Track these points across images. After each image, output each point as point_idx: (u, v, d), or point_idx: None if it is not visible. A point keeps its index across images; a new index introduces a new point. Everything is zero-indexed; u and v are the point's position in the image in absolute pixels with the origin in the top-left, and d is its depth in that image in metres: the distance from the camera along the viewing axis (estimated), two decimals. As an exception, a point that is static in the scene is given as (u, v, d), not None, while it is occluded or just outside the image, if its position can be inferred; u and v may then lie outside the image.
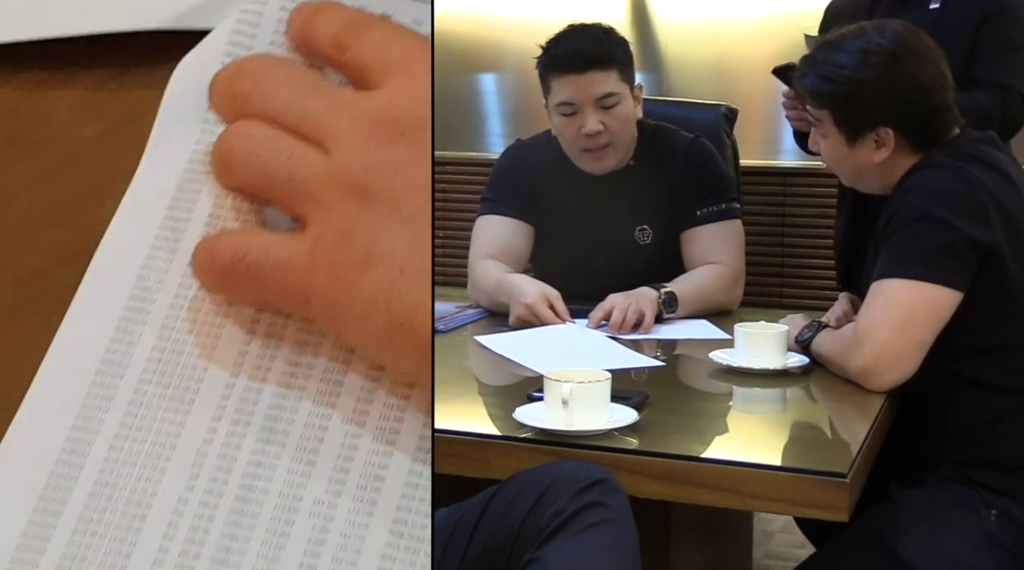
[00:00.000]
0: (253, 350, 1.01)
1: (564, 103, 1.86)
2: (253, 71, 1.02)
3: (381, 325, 0.93)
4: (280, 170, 0.98)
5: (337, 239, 0.94)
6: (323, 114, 0.98)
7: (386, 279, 0.92)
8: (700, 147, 1.96)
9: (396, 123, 0.96)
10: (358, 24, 1.03)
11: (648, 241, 1.94)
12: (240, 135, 1.00)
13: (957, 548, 1.35)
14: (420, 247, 0.93)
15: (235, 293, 1.01)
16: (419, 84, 0.98)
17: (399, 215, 0.94)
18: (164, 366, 1.01)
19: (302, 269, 0.95)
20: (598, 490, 1.08)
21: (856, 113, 1.46)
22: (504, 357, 1.58)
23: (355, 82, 1.03)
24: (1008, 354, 1.43)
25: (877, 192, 1.53)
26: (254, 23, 1.08)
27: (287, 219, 1.02)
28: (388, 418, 0.99)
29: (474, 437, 1.27)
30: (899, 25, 1.51)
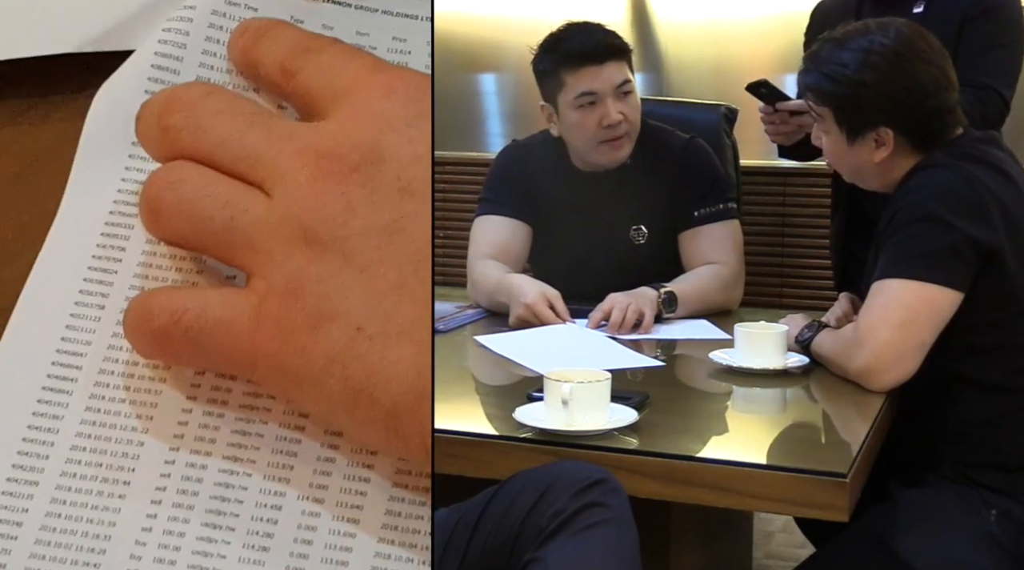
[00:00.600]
0: (195, 418, 0.91)
1: (585, 94, 1.86)
2: (185, 102, 0.91)
3: (338, 393, 0.83)
4: (216, 218, 0.87)
5: (284, 296, 0.84)
6: (263, 150, 0.88)
7: (341, 341, 0.83)
8: (697, 147, 1.96)
9: (345, 158, 0.86)
10: (306, 48, 0.94)
11: (644, 241, 1.94)
12: (170, 180, 0.89)
13: (957, 548, 1.35)
14: (379, 302, 0.83)
15: (173, 358, 0.91)
16: (368, 110, 0.88)
17: (353, 265, 0.84)
18: (95, 442, 0.91)
19: (246, 331, 0.85)
20: (598, 490, 1.08)
21: (856, 113, 1.46)
22: (504, 357, 1.58)
23: (303, 112, 0.94)
24: (1009, 354, 1.43)
25: (877, 189, 1.53)
26: (180, 43, 0.98)
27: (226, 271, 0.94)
28: (349, 491, 0.89)
29: (474, 437, 1.27)
30: (903, 24, 1.51)
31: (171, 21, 0.99)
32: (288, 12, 1.00)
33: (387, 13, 1.02)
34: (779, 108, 1.82)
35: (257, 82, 0.97)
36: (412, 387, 0.82)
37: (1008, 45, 1.85)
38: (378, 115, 0.87)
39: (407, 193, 0.85)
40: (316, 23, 1.00)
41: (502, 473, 1.17)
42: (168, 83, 0.97)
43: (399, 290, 0.83)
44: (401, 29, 1.02)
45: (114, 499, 0.89)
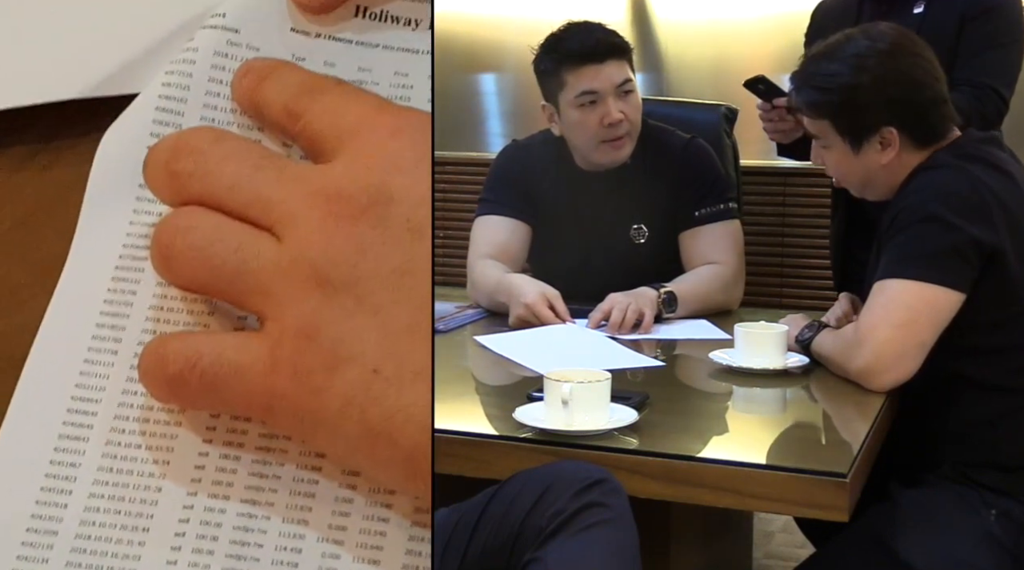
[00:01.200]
0: (212, 461, 0.90)
1: (585, 93, 1.86)
2: (193, 147, 0.90)
3: (356, 435, 0.83)
4: (228, 264, 0.86)
5: (299, 339, 0.84)
6: (273, 194, 0.87)
7: (358, 383, 0.82)
8: (697, 147, 1.96)
9: (355, 199, 0.85)
10: (310, 89, 0.94)
11: (644, 241, 1.94)
12: (180, 227, 0.88)
13: (957, 548, 1.35)
14: (394, 343, 0.82)
15: (189, 403, 0.90)
16: (377, 151, 0.88)
17: (366, 307, 0.83)
18: (113, 488, 0.90)
19: (262, 374, 0.85)
20: (598, 490, 1.08)
21: (857, 118, 1.46)
22: (504, 357, 1.58)
23: (310, 154, 0.93)
24: (1010, 355, 1.43)
25: (885, 197, 1.52)
26: (183, 85, 0.98)
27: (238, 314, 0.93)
28: (369, 531, 0.88)
29: (474, 437, 1.27)
30: (886, 26, 1.52)
31: (174, 63, 0.99)
32: (290, 50, 1.00)
33: (388, 48, 1.02)
34: (776, 104, 1.82)
35: (262, 123, 0.97)
36: (428, 429, 0.82)
37: (1007, 44, 1.86)
38: (386, 156, 0.87)
39: (417, 234, 0.85)
40: (318, 60, 1.00)
41: (502, 473, 1.17)
42: (173, 125, 0.97)
43: (413, 331, 0.83)
44: (402, 63, 1.02)
45: (134, 546, 0.89)
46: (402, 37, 1.02)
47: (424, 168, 0.87)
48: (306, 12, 0.99)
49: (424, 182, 0.86)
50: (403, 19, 1.03)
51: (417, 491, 0.86)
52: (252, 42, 0.99)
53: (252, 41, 0.99)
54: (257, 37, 0.99)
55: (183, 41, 1.00)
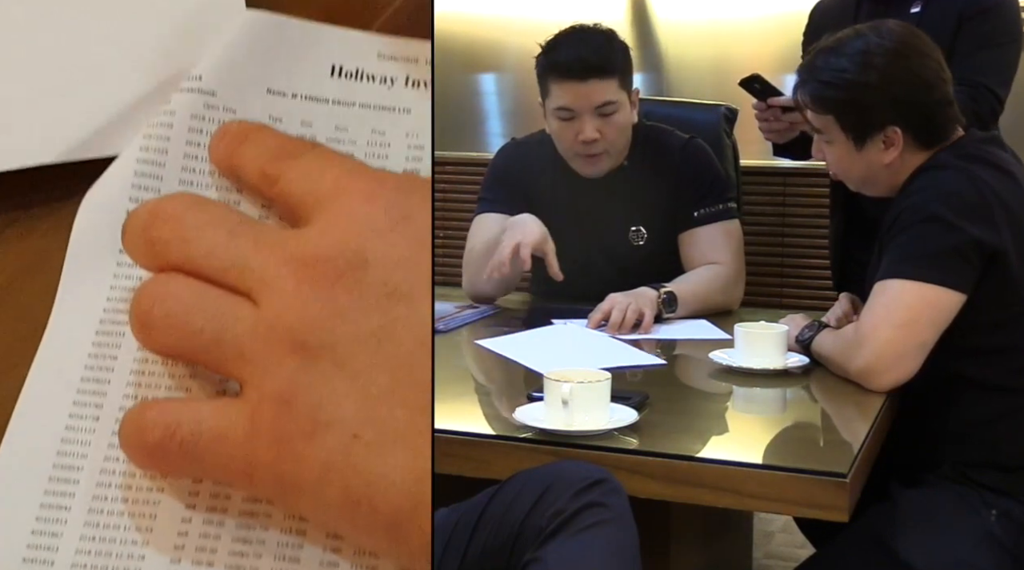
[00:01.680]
0: (195, 527, 0.90)
1: (563, 109, 1.86)
2: (170, 214, 0.91)
3: (338, 502, 0.83)
4: (205, 330, 0.86)
5: (277, 404, 0.84)
6: (250, 260, 0.88)
7: (338, 449, 0.82)
8: (696, 148, 1.96)
9: (331, 264, 0.86)
10: (286, 153, 0.95)
11: (643, 241, 1.94)
12: (157, 295, 0.89)
13: (957, 548, 1.35)
14: (373, 408, 0.82)
15: (170, 470, 0.90)
16: (352, 215, 0.88)
17: (345, 372, 0.83)
18: (96, 557, 0.89)
19: (242, 441, 0.85)
20: (598, 490, 1.08)
21: (862, 115, 1.46)
22: (504, 357, 1.58)
23: (287, 217, 0.94)
24: (1010, 355, 1.43)
25: (885, 195, 1.52)
26: (161, 148, 0.98)
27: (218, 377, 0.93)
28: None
29: (474, 437, 1.27)
30: (895, 24, 1.51)
31: (151, 126, 0.99)
32: (266, 111, 1.00)
33: (364, 106, 1.02)
34: (771, 103, 1.82)
35: (240, 185, 0.98)
36: (410, 494, 0.82)
37: (1004, 44, 1.86)
38: (361, 221, 0.88)
39: (394, 297, 0.85)
40: (295, 120, 1.01)
41: (502, 473, 1.17)
42: (152, 188, 0.97)
43: (391, 396, 0.83)
44: (379, 121, 1.02)
45: None
46: (378, 95, 1.03)
47: (401, 231, 0.87)
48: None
49: (400, 245, 0.87)
50: (378, 78, 1.03)
51: (401, 555, 0.85)
52: (229, 104, 1.00)
53: (229, 103, 1.00)
54: (233, 99, 1.00)
55: (160, 104, 1.00)
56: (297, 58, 1.03)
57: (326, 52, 1.03)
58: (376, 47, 1.04)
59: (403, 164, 1.01)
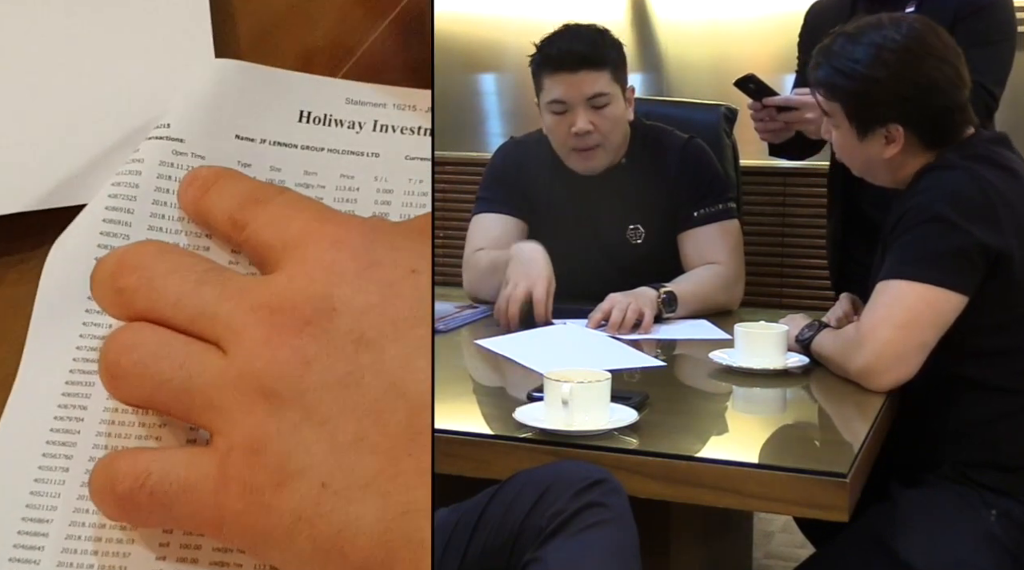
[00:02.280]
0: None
1: (555, 101, 1.86)
2: (136, 263, 0.90)
3: (308, 551, 0.82)
4: (174, 380, 0.86)
5: (247, 454, 0.83)
6: (216, 308, 0.87)
7: (308, 499, 0.81)
8: (695, 148, 1.96)
9: (298, 311, 0.85)
10: (255, 199, 0.94)
11: (641, 241, 1.94)
12: (126, 345, 0.88)
13: (957, 548, 1.35)
14: (341, 456, 0.82)
15: (140, 521, 0.89)
16: (319, 262, 0.88)
17: (313, 420, 0.83)
18: None
19: (211, 491, 0.84)
20: (598, 490, 1.08)
21: (867, 109, 1.46)
22: (504, 357, 1.58)
23: (256, 263, 0.94)
24: (1012, 356, 1.43)
25: (887, 185, 1.52)
26: (130, 196, 0.97)
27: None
28: None
29: (474, 437, 1.27)
30: (917, 20, 1.50)
31: (120, 174, 0.99)
32: (235, 157, 1.00)
33: (333, 151, 1.03)
34: (766, 103, 1.82)
35: (209, 231, 0.97)
36: (381, 541, 0.81)
37: (998, 42, 1.85)
38: (328, 267, 0.87)
39: (362, 344, 0.85)
40: (264, 166, 1.01)
41: (502, 473, 1.17)
42: (121, 235, 0.97)
43: (360, 443, 0.82)
44: (348, 166, 1.02)
45: None
46: (347, 140, 1.03)
47: (368, 276, 0.87)
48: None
49: (368, 290, 0.86)
50: (347, 122, 1.04)
51: None
52: (197, 150, 1.00)
53: (197, 149, 1.00)
54: (202, 145, 1.00)
55: (128, 152, 1.00)
56: (265, 104, 1.03)
57: (294, 98, 1.04)
58: (344, 93, 1.05)
59: (372, 208, 1.01)
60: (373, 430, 0.83)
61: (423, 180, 1.03)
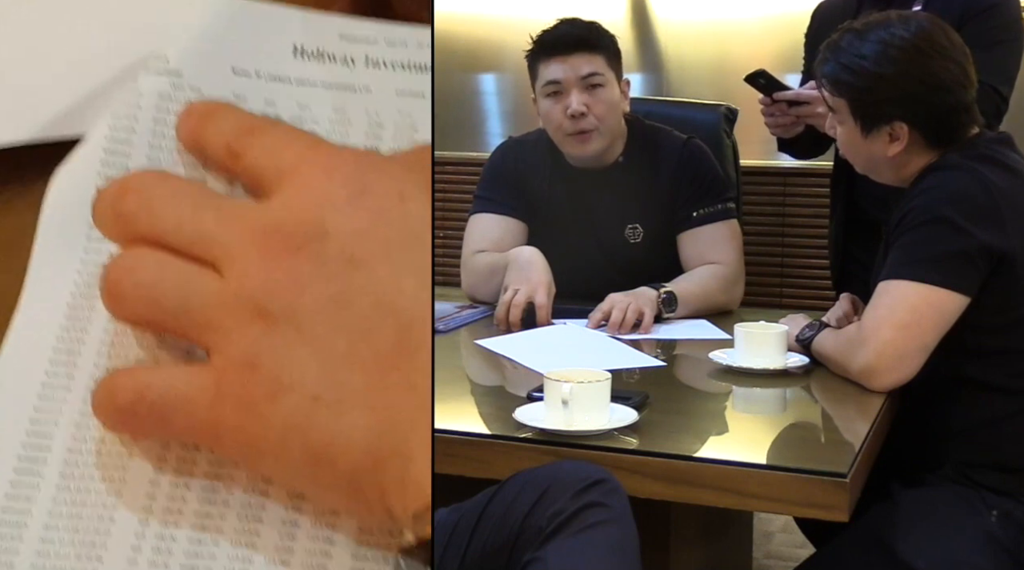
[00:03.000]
0: (163, 489, 0.94)
1: (550, 82, 1.87)
2: (137, 189, 0.94)
3: (299, 460, 0.87)
4: (173, 299, 0.91)
5: (242, 369, 0.88)
6: (214, 231, 0.91)
7: (299, 410, 0.86)
8: (695, 148, 1.96)
9: (292, 235, 0.90)
10: (251, 129, 0.98)
11: (639, 240, 1.94)
12: (127, 266, 0.93)
13: (958, 548, 1.35)
14: (333, 371, 0.86)
15: (139, 432, 0.94)
16: (312, 189, 0.92)
17: (305, 337, 0.87)
18: (68, 520, 0.93)
19: (208, 405, 0.89)
20: (598, 490, 1.08)
21: (872, 106, 1.45)
22: (504, 357, 1.58)
23: (251, 190, 0.97)
24: (1014, 357, 1.43)
25: (890, 183, 1.52)
26: (129, 127, 1.01)
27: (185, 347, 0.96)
28: (315, 552, 0.92)
29: (474, 437, 1.27)
30: (925, 19, 1.50)
31: (120, 106, 1.02)
32: (231, 91, 1.04)
33: (326, 86, 1.06)
34: (777, 98, 1.82)
35: (205, 162, 1.01)
36: (369, 451, 0.85)
37: (1006, 42, 1.85)
38: (321, 193, 0.91)
39: (352, 266, 0.89)
40: (258, 99, 1.04)
41: (502, 473, 1.17)
42: (120, 166, 1.01)
43: (351, 359, 0.87)
44: (340, 101, 1.06)
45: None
46: (339, 75, 1.06)
47: (359, 203, 0.91)
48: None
49: (358, 216, 0.90)
50: (339, 57, 1.07)
51: (361, 512, 0.90)
52: (194, 84, 1.03)
53: (194, 83, 1.03)
54: (199, 79, 1.04)
55: (128, 84, 1.03)
56: (261, 39, 1.06)
57: (289, 33, 1.07)
58: (337, 28, 1.07)
59: (363, 141, 1.04)
60: (363, 346, 0.87)
61: (413, 115, 1.06)
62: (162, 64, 1.03)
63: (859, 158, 1.53)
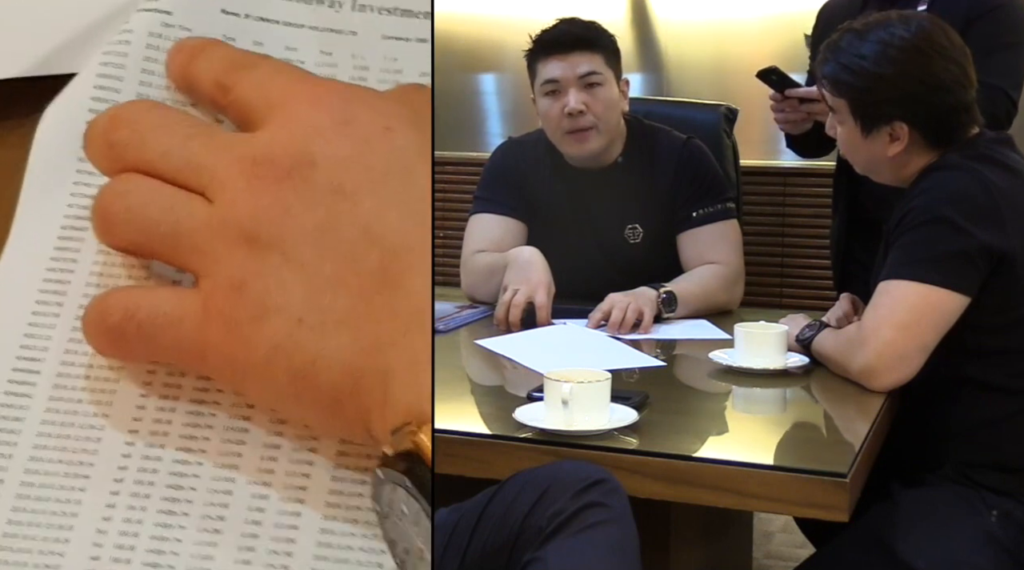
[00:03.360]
0: (149, 412, 0.97)
1: (548, 81, 1.88)
2: (129, 118, 0.97)
3: (283, 381, 0.89)
4: (162, 225, 0.93)
5: (229, 292, 0.91)
6: (203, 160, 0.94)
7: (283, 332, 0.89)
8: (694, 148, 1.96)
9: (279, 163, 0.92)
10: (240, 64, 1.00)
11: (639, 240, 1.94)
12: (118, 192, 0.95)
13: (957, 549, 1.35)
14: (317, 295, 0.89)
15: (128, 353, 0.97)
16: (299, 119, 0.94)
17: (291, 262, 0.90)
18: (57, 439, 0.96)
19: (195, 326, 0.92)
20: (598, 490, 1.08)
21: (872, 106, 1.45)
22: (504, 357, 1.58)
23: (239, 124, 0.99)
24: (1014, 357, 1.43)
25: (890, 183, 1.52)
26: (120, 64, 1.04)
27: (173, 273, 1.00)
28: (295, 473, 0.96)
29: (474, 437, 1.27)
30: (925, 19, 1.50)
31: (111, 44, 1.05)
32: (220, 31, 1.06)
33: (313, 28, 1.08)
34: (788, 95, 1.82)
35: (195, 98, 1.04)
36: (349, 371, 0.88)
37: (1014, 45, 1.85)
38: (308, 123, 0.94)
39: (339, 194, 0.91)
40: (247, 40, 1.07)
41: (502, 473, 1.17)
42: (111, 101, 1.03)
43: (335, 283, 0.89)
44: (327, 43, 1.08)
45: (75, 492, 0.95)
46: (326, 18, 1.09)
47: (346, 133, 0.93)
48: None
49: (345, 146, 0.93)
50: (327, 0, 1.10)
51: (339, 429, 0.93)
52: (184, 23, 1.06)
53: (185, 22, 1.06)
54: (189, 19, 1.06)
55: (119, 23, 1.06)
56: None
57: None
58: None
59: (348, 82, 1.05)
60: (348, 272, 0.89)
61: (399, 58, 1.08)
62: (152, 3, 1.06)
63: (859, 158, 1.53)
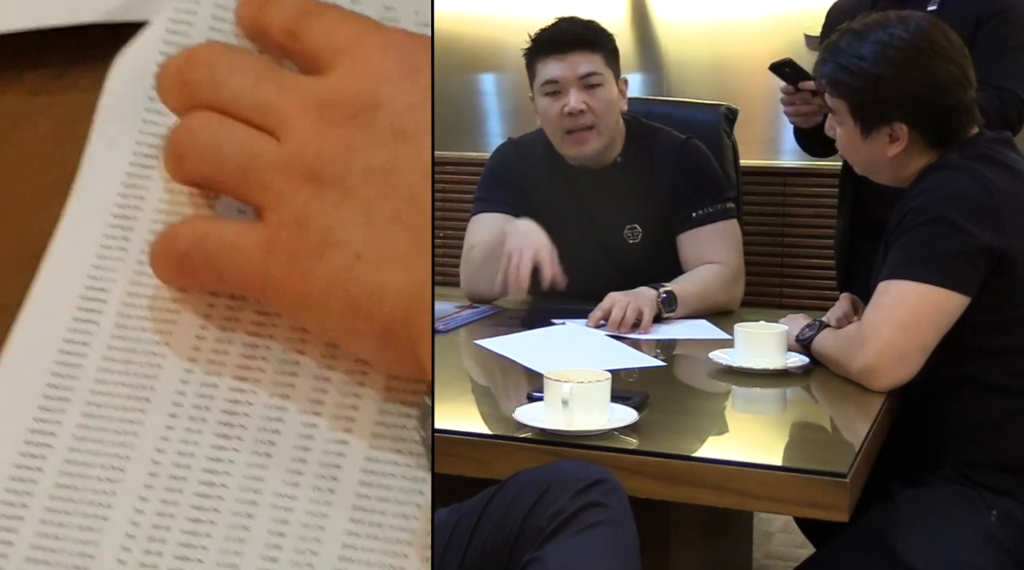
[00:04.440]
0: (208, 341, 1.03)
1: (548, 82, 1.87)
2: (203, 59, 1.03)
3: (339, 311, 0.94)
4: (233, 160, 0.98)
5: (292, 227, 0.95)
6: (273, 101, 0.99)
7: (342, 266, 0.93)
8: (693, 148, 1.96)
9: (346, 106, 0.97)
10: (308, 12, 1.04)
11: (638, 240, 1.94)
12: (191, 127, 1.01)
13: (957, 549, 1.35)
14: (376, 232, 0.93)
15: (192, 280, 1.02)
16: (367, 64, 0.98)
17: (353, 200, 0.94)
18: (121, 364, 1.02)
19: (259, 257, 0.97)
20: (598, 490, 1.08)
21: (871, 107, 1.45)
22: (504, 357, 1.58)
23: (308, 70, 1.03)
24: (1014, 357, 1.43)
25: (890, 184, 1.52)
26: (191, 10, 1.10)
27: (236, 212, 1.04)
28: (344, 404, 1.01)
29: (474, 437, 1.27)
30: (924, 19, 1.49)
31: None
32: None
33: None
34: (801, 87, 1.82)
35: (263, 45, 1.07)
36: (404, 304, 0.93)
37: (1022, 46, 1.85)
38: (375, 69, 0.98)
39: (401, 137, 0.96)
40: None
41: (502, 473, 1.17)
42: (181, 47, 1.08)
43: (394, 222, 0.94)
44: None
45: (136, 413, 1.00)
46: None
47: (412, 80, 0.98)
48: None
49: (410, 91, 0.97)
50: None
51: (390, 361, 0.98)
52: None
53: None
54: None
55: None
56: None
57: None
58: None
59: (410, 29, 1.09)
60: (406, 212, 0.94)
61: None
62: None
63: (859, 159, 1.53)
